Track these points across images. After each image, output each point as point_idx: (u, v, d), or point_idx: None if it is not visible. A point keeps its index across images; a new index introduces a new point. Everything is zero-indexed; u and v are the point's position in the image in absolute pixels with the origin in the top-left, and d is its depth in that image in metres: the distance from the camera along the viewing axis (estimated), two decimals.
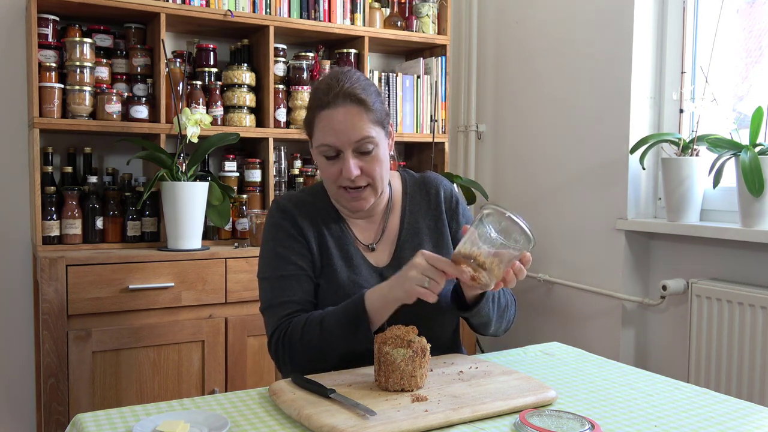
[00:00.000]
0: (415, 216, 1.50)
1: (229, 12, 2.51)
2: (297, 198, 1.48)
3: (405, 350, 1.14)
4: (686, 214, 2.22)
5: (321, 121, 1.37)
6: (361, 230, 1.48)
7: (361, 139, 1.35)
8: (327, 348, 1.29)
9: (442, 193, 1.53)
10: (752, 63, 2.26)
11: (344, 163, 1.36)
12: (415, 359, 1.14)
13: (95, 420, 1.07)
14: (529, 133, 2.88)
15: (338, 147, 1.36)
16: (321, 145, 1.38)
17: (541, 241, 2.80)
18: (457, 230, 1.52)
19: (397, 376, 1.14)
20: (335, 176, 1.38)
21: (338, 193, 1.41)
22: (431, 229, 1.50)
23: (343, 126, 1.35)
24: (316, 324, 1.30)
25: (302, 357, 1.32)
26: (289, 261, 1.40)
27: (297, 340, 1.31)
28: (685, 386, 1.26)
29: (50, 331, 2.09)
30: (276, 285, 1.40)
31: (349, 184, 1.38)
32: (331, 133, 1.35)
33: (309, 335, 1.30)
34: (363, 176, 1.37)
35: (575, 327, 2.64)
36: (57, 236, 2.34)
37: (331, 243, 1.43)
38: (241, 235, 2.62)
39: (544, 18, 2.79)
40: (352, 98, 1.36)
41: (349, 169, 1.35)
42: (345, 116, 1.35)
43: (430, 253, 1.20)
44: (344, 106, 1.35)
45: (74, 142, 2.52)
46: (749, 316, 1.99)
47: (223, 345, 2.33)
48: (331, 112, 1.35)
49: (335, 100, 1.35)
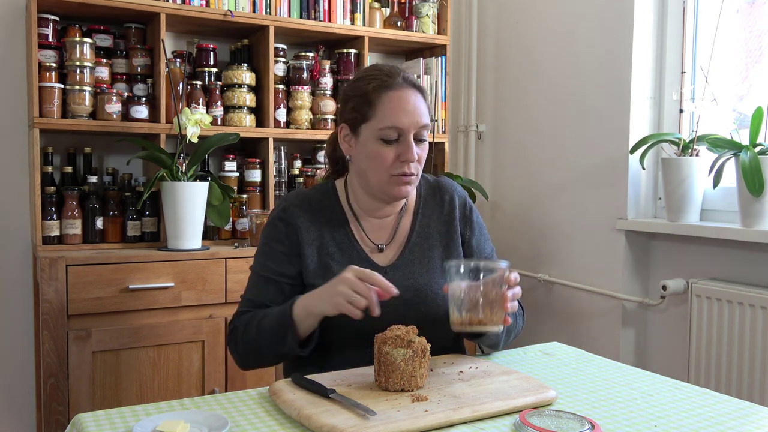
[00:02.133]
0: (428, 220, 1.50)
1: (229, 12, 2.51)
2: (305, 196, 1.48)
3: (405, 350, 1.14)
4: (686, 214, 2.22)
5: (389, 102, 1.37)
6: (373, 230, 1.48)
7: (425, 125, 1.39)
8: (261, 348, 1.34)
9: (457, 199, 1.53)
10: (752, 63, 2.26)
11: (406, 146, 1.37)
12: (415, 359, 1.14)
13: (95, 420, 1.06)
14: (529, 133, 2.88)
15: (405, 129, 1.37)
16: (386, 128, 1.37)
17: (541, 241, 2.80)
18: (470, 237, 1.52)
19: (397, 376, 1.14)
20: (391, 161, 1.38)
21: (388, 180, 1.40)
22: (442, 234, 1.49)
23: (412, 109, 1.37)
24: (255, 324, 1.35)
25: (243, 354, 1.39)
26: (271, 262, 1.42)
27: (239, 337, 1.37)
28: (685, 386, 1.25)
29: (50, 331, 2.09)
30: (253, 280, 1.45)
31: (405, 170, 1.38)
32: (401, 113, 1.36)
33: (248, 335, 1.36)
34: (415, 163, 1.39)
35: (575, 327, 2.64)
36: (57, 236, 2.34)
37: (332, 245, 1.43)
38: (241, 235, 2.62)
39: (544, 18, 2.79)
40: (416, 86, 1.41)
41: (412, 152, 1.37)
42: (414, 100, 1.38)
43: (359, 268, 1.21)
44: (412, 89, 1.39)
45: (74, 142, 2.52)
46: (749, 316, 1.99)
47: (223, 345, 2.33)
48: (401, 94, 1.38)
49: (403, 84, 1.39)
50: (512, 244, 2.90)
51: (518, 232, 2.91)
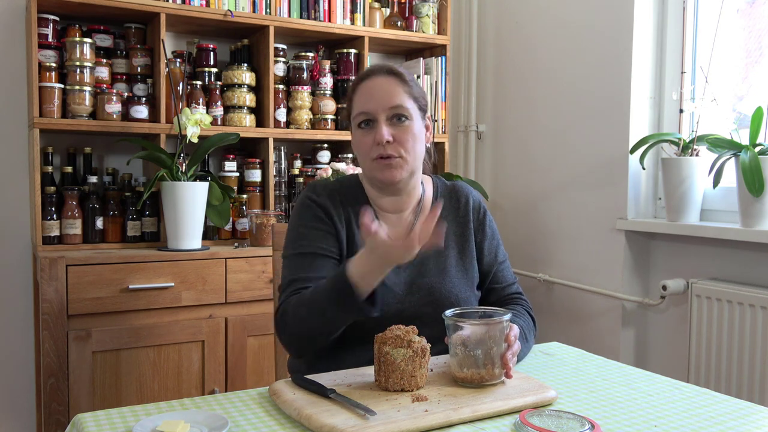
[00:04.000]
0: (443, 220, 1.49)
1: (229, 12, 2.51)
2: (330, 185, 1.49)
3: (405, 350, 1.14)
4: (686, 214, 2.22)
5: (359, 92, 1.42)
6: (391, 225, 1.46)
7: (395, 105, 1.39)
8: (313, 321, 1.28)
9: (471, 202, 1.54)
10: (752, 63, 2.26)
11: (377, 128, 1.39)
12: (416, 359, 1.14)
13: (95, 420, 1.06)
14: (529, 133, 2.88)
15: (373, 113, 1.39)
16: (357, 114, 1.41)
17: (541, 240, 2.80)
18: (482, 241, 1.52)
19: (397, 376, 1.14)
20: (369, 146, 1.40)
21: (371, 165, 1.41)
22: (457, 236, 1.50)
23: (379, 93, 1.40)
24: (307, 298, 1.29)
25: (293, 332, 1.32)
26: (309, 239, 1.40)
27: (290, 317, 1.31)
28: (685, 386, 1.25)
29: (50, 331, 2.09)
30: (291, 263, 1.40)
31: (381, 151, 1.38)
32: (367, 99, 1.40)
33: (301, 311, 1.29)
34: (395, 145, 1.39)
35: (575, 327, 2.64)
36: (57, 236, 2.34)
37: (358, 235, 1.42)
38: (241, 235, 2.62)
39: (544, 18, 2.79)
40: (390, 71, 1.43)
41: (380, 133, 1.37)
42: (381, 84, 1.41)
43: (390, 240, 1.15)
44: (383, 76, 1.42)
45: (74, 142, 2.52)
46: (749, 316, 1.99)
47: (223, 345, 2.33)
48: (369, 82, 1.42)
49: (374, 72, 1.43)
50: (512, 244, 2.90)
51: (518, 232, 2.91)
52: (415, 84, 1.45)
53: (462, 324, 1.17)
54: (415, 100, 1.43)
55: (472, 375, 1.16)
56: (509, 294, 1.54)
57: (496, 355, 1.17)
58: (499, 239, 1.57)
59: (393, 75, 1.42)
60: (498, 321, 1.18)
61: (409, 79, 1.44)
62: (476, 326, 1.17)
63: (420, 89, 1.46)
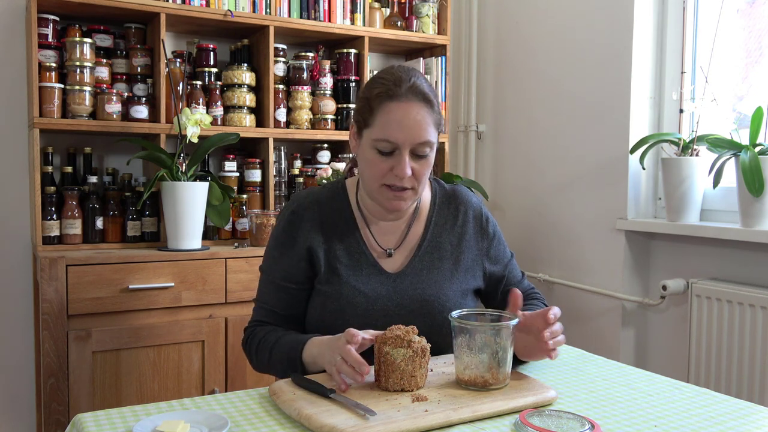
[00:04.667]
0: (440, 229, 1.47)
1: (229, 12, 2.51)
2: (314, 197, 1.45)
3: (405, 350, 1.14)
4: (686, 214, 2.22)
5: (387, 113, 1.31)
6: (382, 234, 1.45)
7: (423, 142, 1.32)
8: (274, 370, 1.39)
9: (471, 212, 1.50)
10: (752, 63, 2.26)
11: (399, 161, 1.31)
12: (415, 359, 1.14)
13: (95, 420, 1.06)
14: (529, 133, 2.88)
15: (400, 144, 1.31)
16: (380, 140, 1.32)
17: (541, 241, 2.80)
18: (489, 248, 1.50)
19: (397, 376, 1.14)
20: (383, 173, 1.33)
21: (380, 190, 1.36)
22: (453, 246, 1.47)
23: (411, 124, 1.30)
24: (267, 349, 1.38)
25: (257, 366, 1.44)
26: (280, 268, 1.43)
27: (253, 350, 1.42)
28: (685, 386, 1.25)
29: (50, 331, 2.09)
30: (261, 284, 1.47)
31: (396, 182, 1.33)
32: (396, 128, 1.30)
33: (261, 354, 1.40)
34: (412, 178, 1.34)
35: (575, 327, 2.64)
36: (57, 236, 2.34)
37: (340, 248, 1.41)
38: (241, 235, 2.62)
39: (544, 18, 2.79)
40: (423, 97, 1.32)
41: (403, 169, 1.31)
42: (414, 114, 1.30)
43: (349, 350, 1.13)
44: (415, 102, 1.31)
45: (74, 142, 2.52)
46: (749, 316, 1.99)
47: (223, 345, 2.33)
48: (401, 106, 1.31)
49: (407, 94, 1.31)
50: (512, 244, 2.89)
51: (518, 232, 2.91)
52: (437, 105, 1.36)
53: (468, 326, 1.17)
54: (438, 126, 1.36)
55: (476, 378, 1.16)
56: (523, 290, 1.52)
57: (502, 359, 1.16)
58: (503, 240, 1.56)
59: (424, 101, 1.32)
60: (505, 325, 1.17)
61: (435, 103, 1.35)
62: (482, 329, 1.16)
63: (440, 109, 1.38)
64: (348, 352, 1.14)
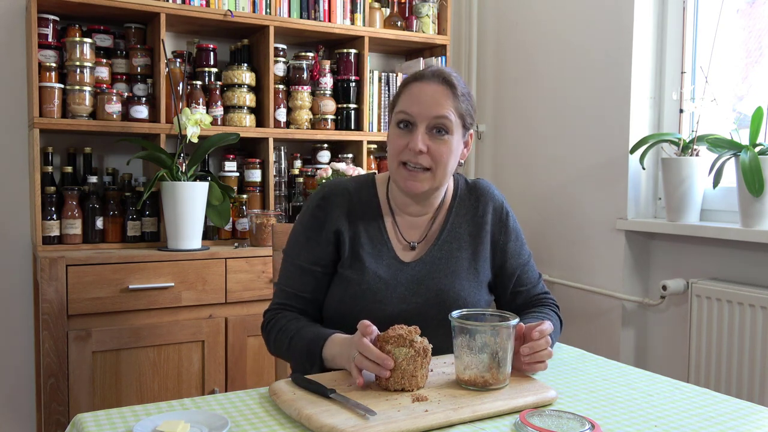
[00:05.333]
0: (460, 219, 1.49)
1: (229, 12, 2.51)
2: (344, 185, 1.48)
3: (407, 350, 1.14)
4: (686, 214, 2.22)
5: (409, 91, 1.39)
6: (408, 227, 1.47)
7: (438, 116, 1.36)
8: (291, 360, 1.40)
9: (491, 204, 1.51)
10: (752, 63, 2.26)
11: (414, 135, 1.36)
12: (417, 359, 1.14)
13: (95, 420, 1.06)
14: (529, 133, 2.88)
15: (415, 117, 1.36)
16: (399, 112, 1.39)
17: (541, 241, 2.80)
18: (505, 242, 1.51)
19: (398, 375, 1.14)
20: (401, 147, 1.37)
21: (398, 170, 1.40)
22: (472, 237, 1.48)
23: (426, 99, 1.36)
24: (287, 338, 1.37)
25: (274, 351, 1.45)
26: (306, 251, 1.43)
27: (272, 336, 1.42)
28: (685, 386, 1.25)
29: (50, 331, 2.09)
30: (287, 268, 1.46)
31: (411, 158, 1.37)
32: (413, 102, 1.37)
33: (280, 342, 1.39)
34: (427, 156, 1.37)
35: (575, 327, 2.64)
36: (57, 236, 2.34)
37: (364, 236, 1.43)
38: (241, 235, 2.62)
39: (544, 18, 2.79)
40: (445, 80, 1.39)
41: (416, 141, 1.35)
42: (431, 91, 1.37)
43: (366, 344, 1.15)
44: (434, 83, 1.38)
45: (74, 142, 2.52)
46: (749, 316, 1.99)
47: (223, 345, 2.33)
48: (420, 85, 1.38)
49: (429, 76, 1.39)
50: None
51: None
52: (465, 99, 1.41)
53: (468, 326, 1.17)
54: (461, 115, 1.39)
55: (476, 378, 1.15)
56: (536, 295, 1.53)
57: (502, 359, 1.16)
58: (523, 239, 1.55)
59: (446, 84, 1.38)
60: (505, 325, 1.17)
61: (461, 92, 1.39)
62: (483, 329, 1.16)
63: (469, 105, 1.42)
64: (367, 348, 1.15)
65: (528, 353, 1.21)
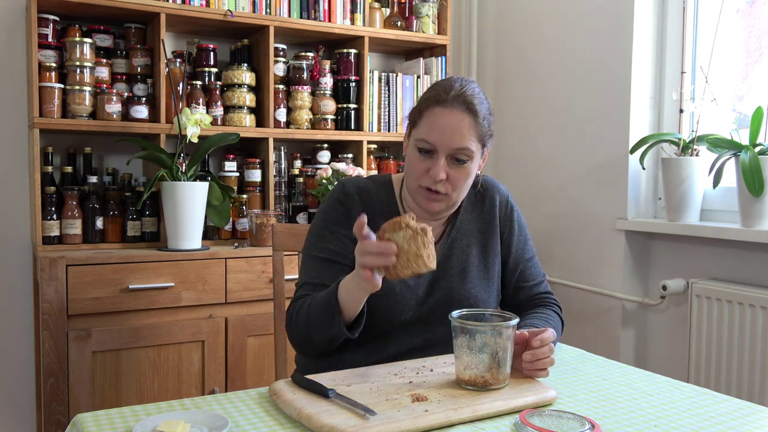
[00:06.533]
0: (469, 216, 1.51)
1: (229, 12, 2.51)
2: (362, 183, 1.49)
3: (404, 231, 1.14)
4: (686, 214, 2.22)
5: (431, 116, 1.38)
6: None
7: (460, 148, 1.36)
8: (312, 332, 1.34)
9: (498, 197, 1.53)
10: (752, 63, 2.26)
11: (435, 164, 1.36)
12: (417, 238, 1.14)
13: (95, 420, 1.06)
14: (528, 133, 2.88)
15: (436, 147, 1.36)
16: (420, 139, 1.38)
17: (541, 241, 2.80)
18: (509, 237, 1.52)
19: (404, 259, 1.13)
20: (421, 173, 1.38)
21: (418, 190, 1.41)
22: (481, 233, 1.50)
23: (449, 129, 1.35)
24: (304, 311, 1.35)
25: (298, 339, 1.39)
26: (328, 243, 1.43)
27: (294, 321, 1.38)
28: (685, 386, 1.25)
29: (50, 331, 2.09)
30: (307, 265, 1.45)
31: (431, 185, 1.38)
32: (435, 131, 1.36)
33: (301, 318, 1.36)
34: (447, 184, 1.38)
35: (575, 327, 2.64)
36: (57, 236, 2.34)
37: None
38: (241, 235, 2.62)
39: (544, 18, 2.79)
40: (468, 106, 1.37)
41: (437, 172, 1.35)
42: (455, 121, 1.36)
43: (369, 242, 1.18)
44: (458, 110, 1.36)
45: (74, 142, 2.52)
46: (749, 316, 1.99)
47: (223, 345, 2.33)
48: (443, 111, 1.37)
49: (453, 101, 1.37)
50: None
51: None
52: (486, 117, 1.40)
53: (468, 326, 1.17)
54: (481, 139, 1.39)
55: (476, 378, 1.15)
56: (538, 293, 1.53)
57: (502, 360, 1.16)
58: (527, 235, 1.56)
59: (468, 112, 1.37)
60: (505, 325, 1.17)
61: (483, 116, 1.39)
62: (483, 329, 1.16)
63: (489, 122, 1.41)
64: (366, 243, 1.16)
65: (530, 360, 1.21)
